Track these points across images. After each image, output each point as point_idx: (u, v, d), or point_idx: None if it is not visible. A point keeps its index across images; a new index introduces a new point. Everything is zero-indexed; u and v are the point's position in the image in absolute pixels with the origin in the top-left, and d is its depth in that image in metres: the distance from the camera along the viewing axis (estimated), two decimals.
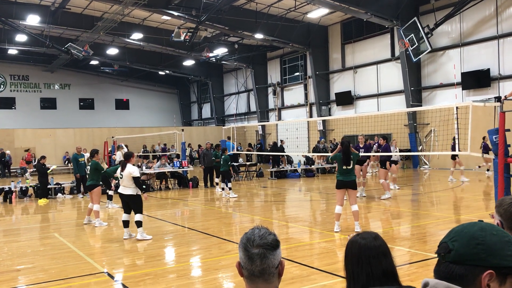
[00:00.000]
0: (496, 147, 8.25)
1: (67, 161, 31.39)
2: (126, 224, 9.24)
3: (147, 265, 7.30)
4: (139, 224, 9.04)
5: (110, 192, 14.21)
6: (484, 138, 16.04)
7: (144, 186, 9.38)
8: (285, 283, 5.68)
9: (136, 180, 9.01)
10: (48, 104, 39.69)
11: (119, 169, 9.36)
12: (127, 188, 9.05)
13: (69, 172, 29.57)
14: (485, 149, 15.52)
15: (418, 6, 24.16)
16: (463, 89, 22.22)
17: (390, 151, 14.36)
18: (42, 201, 15.76)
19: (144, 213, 9.55)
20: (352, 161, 9.06)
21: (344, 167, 9.01)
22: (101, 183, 11.93)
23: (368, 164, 14.33)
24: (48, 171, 16.57)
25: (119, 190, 9.28)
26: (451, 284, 1.30)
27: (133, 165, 9.30)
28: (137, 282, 6.20)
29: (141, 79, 42.73)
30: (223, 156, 15.76)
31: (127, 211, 9.28)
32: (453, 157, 16.93)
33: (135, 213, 9.11)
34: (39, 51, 32.45)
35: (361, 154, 13.54)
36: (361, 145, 14.18)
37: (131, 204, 9.16)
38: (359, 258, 2.12)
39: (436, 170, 22.84)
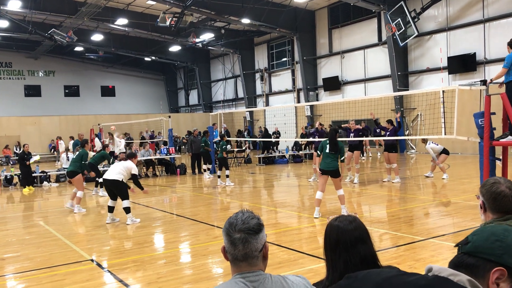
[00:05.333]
0: (482, 130, 8.31)
1: (53, 149, 31.06)
2: (110, 209, 9.36)
3: (134, 252, 7.26)
4: (127, 210, 9.14)
5: (100, 180, 14.11)
6: None
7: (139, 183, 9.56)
8: (273, 268, 5.68)
9: (135, 178, 9.23)
10: (32, 91, 39.06)
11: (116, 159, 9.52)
12: (113, 174, 9.11)
13: (54, 160, 29.29)
14: None
15: None
16: (449, 73, 22.32)
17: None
18: (26, 190, 15.58)
19: (131, 200, 9.52)
20: (337, 148, 9.01)
21: (327, 151, 8.99)
22: (85, 170, 11.92)
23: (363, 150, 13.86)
24: (31, 162, 16.30)
25: (104, 176, 9.35)
26: (457, 271, 1.27)
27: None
28: (123, 269, 6.16)
29: (127, 66, 42.20)
30: (221, 143, 15.24)
31: (112, 197, 9.32)
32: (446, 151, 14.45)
33: (122, 200, 9.16)
34: (22, 37, 31.80)
35: (351, 138, 13.67)
36: (351, 130, 14.15)
37: (116, 190, 9.22)
38: (336, 245, 2.09)
39: (423, 154, 23.00)
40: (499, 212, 2.35)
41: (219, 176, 15.20)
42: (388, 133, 13.64)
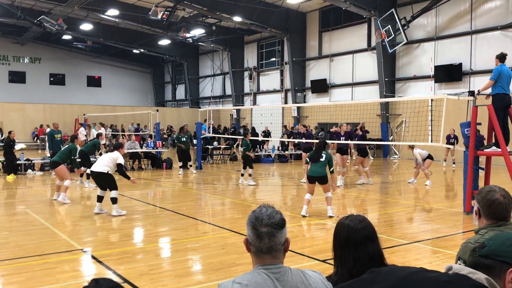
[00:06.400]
0: (467, 139, 8.57)
1: (36, 137, 30.72)
2: (99, 199, 9.42)
3: (124, 243, 7.32)
4: (114, 200, 9.18)
5: (88, 171, 14.15)
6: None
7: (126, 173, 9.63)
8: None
9: (120, 168, 9.23)
10: (17, 77, 38.49)
11: (103, 150, 9.52)
12: (99, 166, 9.21)
13: (37, 148, 28.98)
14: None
15: None
16: (435, 82, 22.76)
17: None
18: (10, 177, 15.43)
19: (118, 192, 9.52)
20: (321, 159, 9.14)
21: (314, 162, 9.15)
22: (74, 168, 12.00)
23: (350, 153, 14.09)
24: (16, 149, 16.19)
25: (92, 168, 9.47)
26: (475, 270, 1.40)
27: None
28: (115, 260, 6.22)
29: (115, 57, 41.86)
30: (243, 141, 14.73)
31: (102, 188, 9.42)
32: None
33: (110, 190, 9.23)
34: (9, 22, 31.31)
35: (343, 142, 13.74)
36: (342, 133, 14.07)
37: (103, 182, 9.32)
38: (346, 243, 2.23)
39: (406, 160, 23.41)
40: (493, 219, 2.52)
41: (242, 175, 14.71)
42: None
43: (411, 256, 6.57)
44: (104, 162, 9.22)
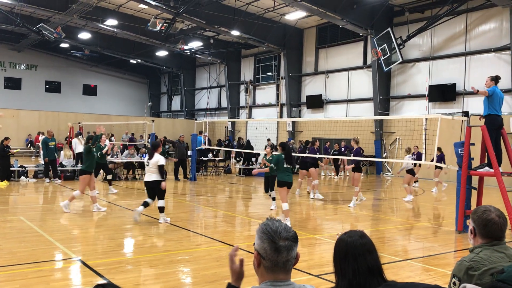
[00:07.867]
0: (461, 159, 8.70)
1: (29, 144, 30.60)
2: (145, 204, 9.69)
3: (118, 253, 7.32)
4: (161, 209, 9.64)
5: (109, 177, 14.39)
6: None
7: (165, 175, 10.14)
8: (250, 279, 5.83)
9: (161, 169, 9.52)
10: (12, 84, 38.40)
11: (147, 157, 9.90)
12: (152, 175, 9.56)
13: (31, 155, 28.85)
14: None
15: (393, 18, 24.86)
16: (429, 101, 23.02)
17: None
18: (3, 184, 15.36)
19: (110, 202, 9.54)
20: (293, 161, 9.87)
21: (285, 166, 9.66)
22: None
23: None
24: (10, 154, 16.16)
25: (145, 178, 9.82)
26: None
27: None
28: (109, 269, 6.22)
29: (111, 66, 41.97)
30: (271, 157, 11.46)
31: (151, 196, 9.74)
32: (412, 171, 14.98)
33: (159, 199, 9.63)
34: (7, 29, 31.38)
35: (352, 158, 13.15)
36: (353, 149, 13.19)
37: (154, 191, 9.65)
38: (346, 255, 2.31)
39: (398, 177, 23.53)
40: (487, 238, 2.60)
41: (273, 199, 12.32)
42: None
43: (403, 273, 6.62)
44: (153, 171, 9.54)
